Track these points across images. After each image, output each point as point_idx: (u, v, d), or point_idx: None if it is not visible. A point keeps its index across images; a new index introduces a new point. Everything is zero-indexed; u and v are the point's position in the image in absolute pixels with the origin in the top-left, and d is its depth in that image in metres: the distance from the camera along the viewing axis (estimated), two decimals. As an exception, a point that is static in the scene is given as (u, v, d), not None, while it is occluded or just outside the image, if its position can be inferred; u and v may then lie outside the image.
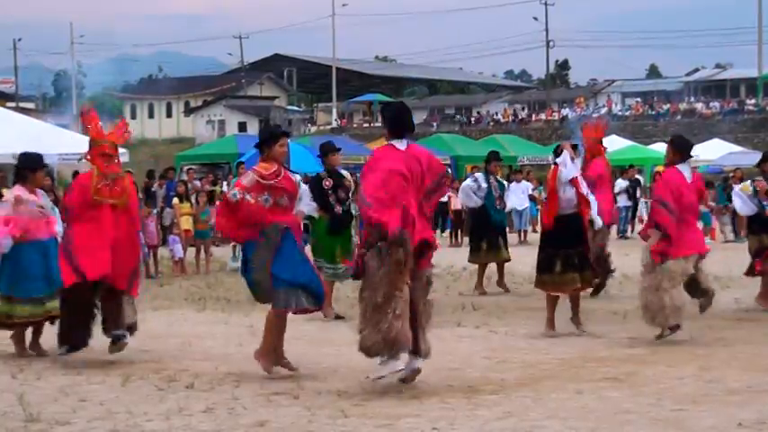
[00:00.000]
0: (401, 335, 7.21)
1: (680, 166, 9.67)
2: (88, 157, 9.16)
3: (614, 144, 38.74)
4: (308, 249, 9.21)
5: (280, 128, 8.98)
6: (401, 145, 7.54)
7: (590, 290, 11.57)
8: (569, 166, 10.31)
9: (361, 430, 6.32)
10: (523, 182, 26.64)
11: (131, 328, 8.98)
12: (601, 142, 14.07)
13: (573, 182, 10.29)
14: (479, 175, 14.80)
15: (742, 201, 12.35)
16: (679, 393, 7.25)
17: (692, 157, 9.90)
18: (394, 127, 7.63)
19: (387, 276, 7.21)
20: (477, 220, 14.75)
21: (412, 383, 7.56)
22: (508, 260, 14.40)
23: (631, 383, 7.63)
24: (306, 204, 8.49)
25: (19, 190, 9.31)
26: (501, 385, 7.63)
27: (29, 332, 9.42)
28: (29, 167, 9.39)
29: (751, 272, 12.41)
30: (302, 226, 8.70)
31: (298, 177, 8.49)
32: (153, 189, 22.01)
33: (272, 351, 8.07)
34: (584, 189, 10.37)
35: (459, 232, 24.91)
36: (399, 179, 7.34)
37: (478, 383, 7.68)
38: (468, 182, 14.64)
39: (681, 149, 9.78)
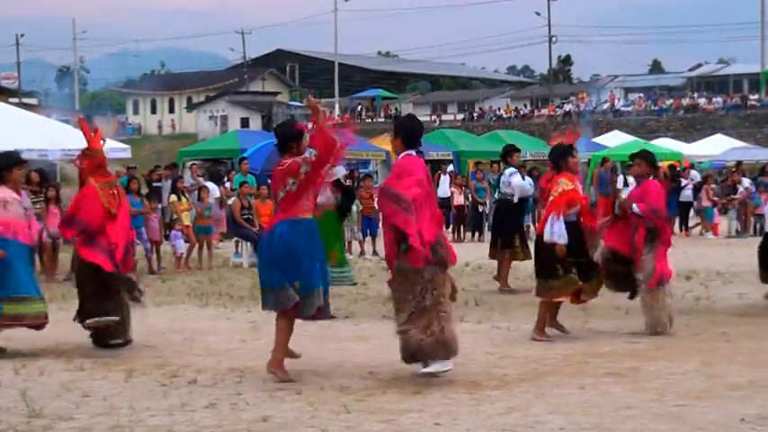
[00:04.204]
0: (454, 337, 7.51)
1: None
2: (83, 166, 9.32)
3: (617, 139, 38.73)
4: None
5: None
6: (417, 155, 7.84)
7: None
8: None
9: (364, 425, 6.32)
10: (526, 177, 26.55)
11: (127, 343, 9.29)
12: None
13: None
14: (513, 170, 14.22)
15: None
16: (681, 389, 7.26)
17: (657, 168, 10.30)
18: (411, 139, 7.83)
19: (434, 278, 7.47)
20: (505, 216, 14.21)
21: (413, 379, 7.58)
22: (523, 259, 13.88)
23: (634, 379, 7.64)
24: (326, 196, 8.49)
25: (4, 192, 9.06)
26: (503, 380, 7.64)
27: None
28: (4, 166, 9.18)
29: None
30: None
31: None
32: (157, 184, 22.01)
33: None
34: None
35: (461, 228, 24.91)
36: (427, 187, 7.74)
37: (481, 379, 7.68)
38: (518, 179, 14.06)
39: (648, 163, 10.29)
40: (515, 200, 14.31)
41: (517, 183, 13.98)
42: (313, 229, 7.70)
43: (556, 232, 9.48)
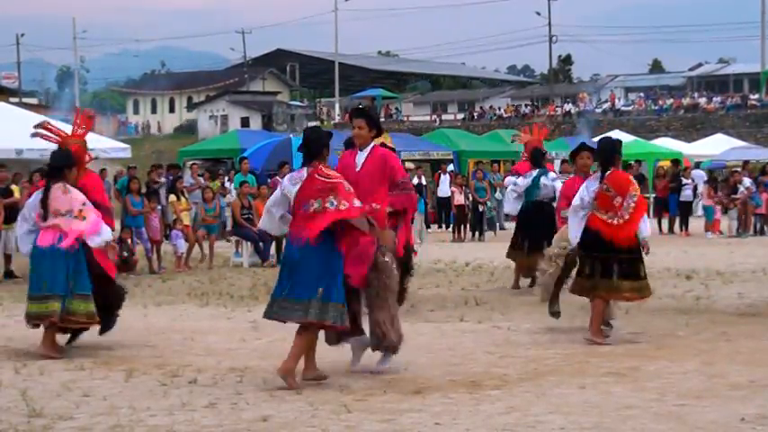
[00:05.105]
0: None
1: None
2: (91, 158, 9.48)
3: (617, 139, 38.66)
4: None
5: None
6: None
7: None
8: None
9: (364, 425, 6.32)
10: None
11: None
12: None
13: None
14: (555, 175, 13.59)
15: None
16: (682, 388, 7.26)
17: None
18: (379, 129, 8.07)
19: (396, 277, 7.82)
20: (546, 218, 12.95)
21: (413, 379, 7.60)
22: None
23: (634, 378, 7.63)
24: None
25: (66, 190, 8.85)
26: (504, 380, 7.63)
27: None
28: (65, 164, 8.99)
29: None
30: None
31: None
32: (156, 186, 21.97)
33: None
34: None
35: (461, 228, 24.91)
36: None
37: (481, 378, 7.68)
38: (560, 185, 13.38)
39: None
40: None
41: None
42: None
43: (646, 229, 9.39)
